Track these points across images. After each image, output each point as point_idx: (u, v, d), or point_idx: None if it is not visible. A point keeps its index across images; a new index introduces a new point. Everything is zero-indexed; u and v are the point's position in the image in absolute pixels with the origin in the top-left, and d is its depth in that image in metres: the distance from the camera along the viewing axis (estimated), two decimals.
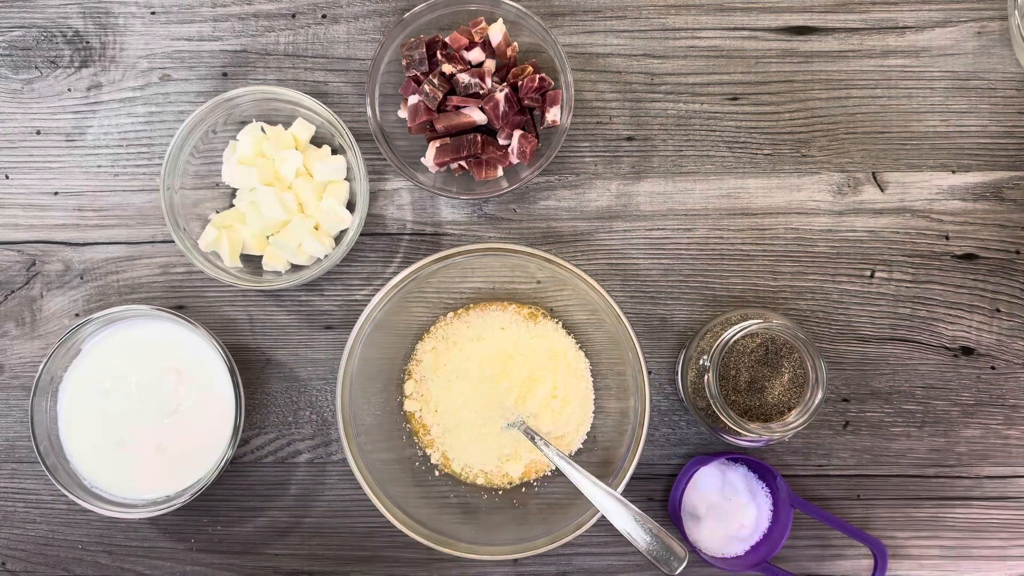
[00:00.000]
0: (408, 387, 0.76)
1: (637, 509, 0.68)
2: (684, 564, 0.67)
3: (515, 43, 0.75)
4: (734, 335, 0.68)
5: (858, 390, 0.78)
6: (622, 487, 0.71)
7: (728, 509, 0.75)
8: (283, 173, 0.74)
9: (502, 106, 0.72)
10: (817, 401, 0.68)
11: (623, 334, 0.71)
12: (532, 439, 0.73)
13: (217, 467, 0.72)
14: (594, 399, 0.77)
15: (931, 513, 0.78)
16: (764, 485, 0.77)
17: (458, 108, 0.73)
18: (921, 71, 0.77)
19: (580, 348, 0.77)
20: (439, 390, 0.75)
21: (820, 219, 0.77)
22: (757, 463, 0.76)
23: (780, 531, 0.75)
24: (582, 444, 0.77)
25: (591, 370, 0.77)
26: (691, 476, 0.74)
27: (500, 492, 0.77)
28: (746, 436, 0.70)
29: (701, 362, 0.71)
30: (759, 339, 0.71)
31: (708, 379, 0.68)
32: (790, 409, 0.71)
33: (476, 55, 0.74)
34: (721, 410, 0.68)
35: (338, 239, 0.76)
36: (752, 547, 0.76)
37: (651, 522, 0.68)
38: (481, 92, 0.73)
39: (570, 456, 0.76)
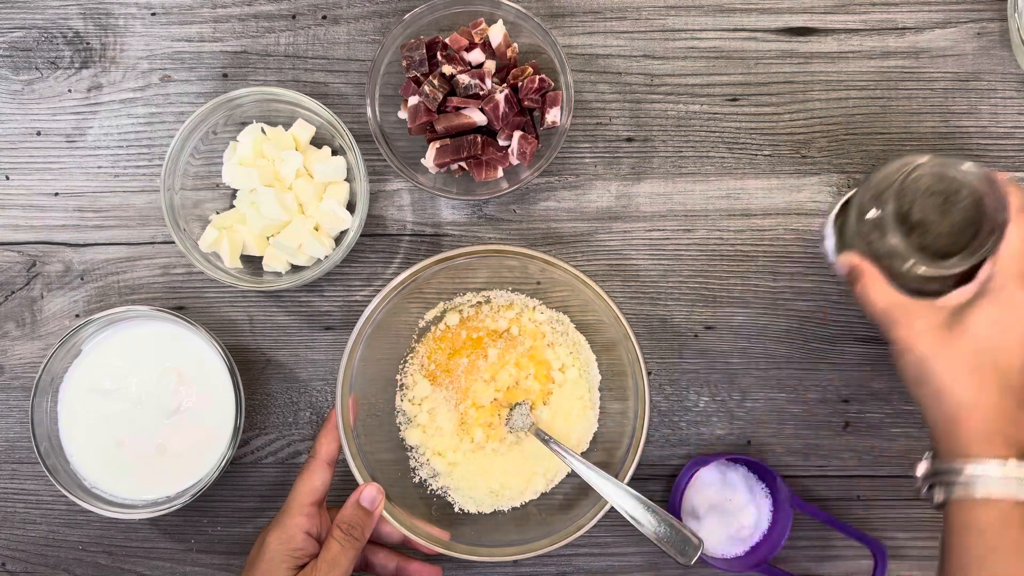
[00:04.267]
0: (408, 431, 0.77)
1: (648, 500, 0.68)
2: (699, 552, 0.67)
3: (515, 44, 0.75)
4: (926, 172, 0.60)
5: (858, 390, 0.77)
6: None
7: (728, 510, 0.75)
8: (283, 174, 0.74)
9: (502, 107, 0.72)
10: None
11: (623, 335, 0.71)
12: (545, 441, 0.72)
13: (217, 468, 0.72)
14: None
15: (931, 513, 0.78)
16: (764, 486, 0.77)
17: (458, 109, 0.73)
18: (921, 72, 0.77)
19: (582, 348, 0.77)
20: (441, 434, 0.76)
21: (820, 220, 0.77)
22: (757, 463, 0.76)
23: (780, 532, 0.75)
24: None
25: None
26: (691, 476, 0.74)
27: None
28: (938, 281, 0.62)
29: (884, 210, 0.62)
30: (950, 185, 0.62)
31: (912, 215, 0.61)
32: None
33: (476, 56, 0.74)
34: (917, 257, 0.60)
35: (338, 240, 0.76)
36: (752, 548, 0.76)
37: (665, 512, 0.68)
38: (481, 93, 0.73)
39: None
